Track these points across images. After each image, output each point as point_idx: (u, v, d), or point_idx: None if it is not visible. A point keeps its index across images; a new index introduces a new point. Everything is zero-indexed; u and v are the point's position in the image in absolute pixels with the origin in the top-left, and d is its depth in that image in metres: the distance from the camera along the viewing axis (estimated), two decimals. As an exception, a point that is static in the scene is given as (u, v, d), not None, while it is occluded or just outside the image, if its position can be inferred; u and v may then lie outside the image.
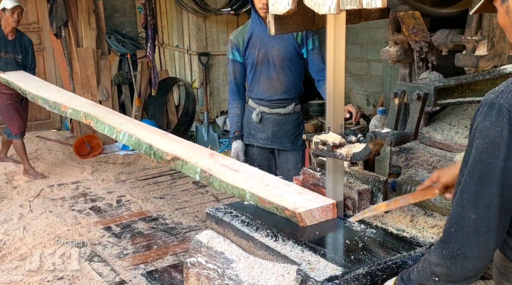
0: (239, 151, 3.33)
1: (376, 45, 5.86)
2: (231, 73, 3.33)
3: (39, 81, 4.98)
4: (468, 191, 1.28)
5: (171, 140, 2.78)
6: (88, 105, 3.69)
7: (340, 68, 1.97)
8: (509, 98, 1.21)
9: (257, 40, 3.17)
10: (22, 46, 5.20)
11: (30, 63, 5.29)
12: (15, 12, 4.99)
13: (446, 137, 2.43)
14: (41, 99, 3.99)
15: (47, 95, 4.00)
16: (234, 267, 1.93)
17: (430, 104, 1.71)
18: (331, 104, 2.02)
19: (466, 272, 1.30)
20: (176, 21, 6.80)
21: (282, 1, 1.89)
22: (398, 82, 1.98)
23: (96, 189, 5.01)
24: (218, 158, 2.47)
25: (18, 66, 5.16)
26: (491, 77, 1.83)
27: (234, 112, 3.38)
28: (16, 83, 4.67)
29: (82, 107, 3.54)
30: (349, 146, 1.95)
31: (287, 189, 2.11)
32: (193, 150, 2.58)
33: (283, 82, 3.21)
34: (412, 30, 2.21)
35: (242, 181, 2.17)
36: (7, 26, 5.07)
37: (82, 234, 3.98)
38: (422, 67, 2.35)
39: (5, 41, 5.10)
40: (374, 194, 2.08)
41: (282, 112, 3.27)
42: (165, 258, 3.61)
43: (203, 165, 2.33)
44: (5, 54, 5.09)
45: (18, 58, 5.17)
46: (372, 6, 1.60)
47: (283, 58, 3.16)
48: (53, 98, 3.86)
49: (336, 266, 1.67)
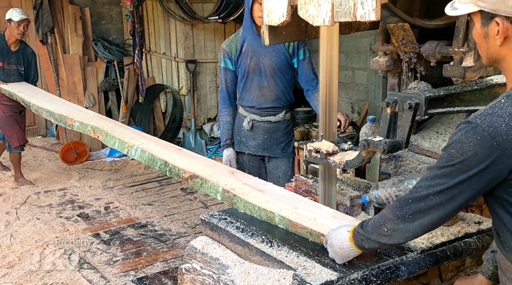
0: (231, 158, 3.36)
1: (361, 53, 5.96)
2: (222, 81, 3.36)
3: (42, 93, 4.92)
4: (433, 182, 1.42)
5: (186, 155, 2.68)
6: (95, 118, 3.59)
7: (333, 77, 2.03)
8: (486, 120, 1.34)
9: (249, 48, 3.22)
10: (25, 57, 5.12)
11: (32, 75, 5.22)
12: (21, 24, 4.91)
13: (434, 145, 2.50)
14: (46, 112, 3.90)
15: (52, 108, 3.90)
16: (230, 272, 1.96)
17: (421, 114, 1.78)
18: (324, 113, 2.08)
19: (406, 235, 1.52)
20: (164, 29, 6.82)
21: (277, 13, 1.94)
22: (388, 91, 2.05)
23: (84, 196, 4.99)
24: (239, 176, 2.37)
25: (20, 77, 5.09)
26: (479, 88, 1.90)
27: (226, 120, 3.40)
28: (19, 94, 4.60)
29: (90, 120, 3.44)
30: (342, 154, 2.00)
31: (319, 212, 2.00)
32: (212, 167, 2.47)
33: (274, 90, 3.26)
34: (401, 41, 2.28)
35: (269, 202, 2.06)
36: (11, 37, 4.99)
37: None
38: (411, 77, 2.42)
39: (8, 52, 5.01)
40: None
41: (273, 120, 3.32)
42: (155, 265, 3.62)
43: (225, 184, 2.22)
44: (7, 65, 5.00)
45: (21, 69, 5.09)
46: (366, 19, 1.66)
47: (274, 67, 3.21)
48: (59, 111, 3.76)
49: (331, 271, 1.72)
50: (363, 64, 6.01)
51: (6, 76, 4.98)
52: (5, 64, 4.97)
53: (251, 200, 2.07)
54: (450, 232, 2.01)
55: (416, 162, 2.46)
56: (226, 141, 3.40)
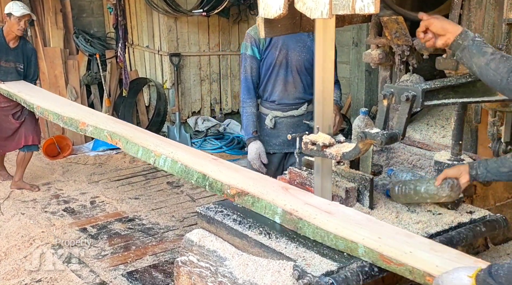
0: (261, 152, 3.18)
1: (343, 47, 6.00)
2: (247, 69, 3.18)
3: (44, 92, 4.59)
4: None
5: (226, 167, 2.38)
6: (110, 121, 3.24)
7: (329, 70, 2.04)
8: None
9: (279, 40, 3.08)
10: (25, 54, 4.77)
11: (32, 73, 4.88)
12: (22, 19, 4.54)
13: (425, 137, 2.55)
14: (53, 115, 3.55)
15: (60, 110, 3.55)
16: (228, 264, 1.96)
17: (417, 106, 1.80)
18: (320, 106, 2.09)
19: None
20: (147, 22, 6.76)
21: (273, 5, 1.94)
22: (386, 84, 2.07)
23: (69, 190, 4.94)
24: (297, 194, 2.08)
25: (19, 76, 4.75)
26: (473, 80, 1.93)
27: (250, 111, 3.21)
28: (19, 95, 4.24)
29: (105, 124, 3.11)
30: (338, 146, 2.01)
31: (413, 242, 1.72)
32: (260, 182, 2.19)
33: (298, 87, 3.16)
34: (394, 34, 2.30)
35: (345, 228, 1.78)
36: (10, 33, 4.62)
37: (58, 236, 3.92)
38: (403, 70, 2.45)
39: (7, 49, 4.65)
40: (361, 192, 2.16)
41: (296, 114, 3.20)
42: (144, 259, 3.61)
43: (283, 203, 1.94)
44: (5, 62, 4.65)
45: (20, 67, 4.74)
46: (365, 12, 1.67)
47: (302, 63, 3.10)
48: (68, 114, 3.42)
49: (331, 261, 1.73)
50: (346, 58, 6.05)
51: (4, 74, 4.65)
52: (2, 61, 4.64)
53: (322, 225, 1.79)
54: (443, 222, 2.05)
55: (408, 154, 2.50)
56: (253, 133, 3.21)
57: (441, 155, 2.34)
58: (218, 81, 6.85)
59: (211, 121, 6.71)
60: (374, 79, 5.80)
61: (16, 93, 4.29)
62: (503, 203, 2.48)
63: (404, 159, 2.53)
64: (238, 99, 6.96)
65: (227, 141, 6.38)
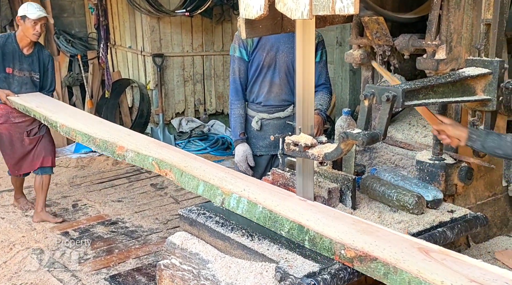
0: (248, 154, 3.18)
1: (327, 47, 5.99)
2: (235, 71, 3.18)
3: (67, 107, 3.98)
4: None
5: (320, 211, 1.94)
6: (153, 145, 2.70)
7: (309, 71, 2.04)
8: None
9: (267, 42, 3.08)
10: (40, 62, 4.11)
11: (49, 83, 4.22)
12: (38, 23, 3.92)
13: (407, 136, 2.56)
14: (82, 136, 3.00)
15: (89, 130, 3.01)
16: (210, 267, 1.95)
17: (398, 106, 1.81)
18: (300, 106, 2.08)
19: None
20: (129, 22, 6.70)
21: (254, 6, 1.93)
22: (367, 84, 2.07)
23: (50, 193, 4.83)
24: (448, 263, 1.51)
25: (34, 87, 4.12)
26: (452, 80, 1.95)
27: (238, 113, 3.21)
28: (38, 110, 3.59)
29: (147, 148, 2.60)
30: (320, 146, 2.01)
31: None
32: (383, 239, 1.66)
33: (284, 89, 3.16)
34: (375, 34, 2.31)
35: None
36: (24, 38, 3.99)
37: (39, 241, 3.85)
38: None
39: (20, 56, 4.02)
40: (344, 192, 2.17)
41: (282, 116, 3.20)
42: (127, 262, 3.56)
43: (437, 279, 1.40)
44: (19, 71, 4.03)
45: (35, 77, 4.10)
46: (345, 12, 1.67)
47: (289, 65, 3.09)
48: (100, 135, 2.90)
49: (313, 262, 1.73)
50: (329, 57, 6.03)
51: (18, 85, 4.03)
52: (16, 70, 4.01)
53: None
54: (425, 221, 2.06)
55: (390, 154, 2.51)
56: (240, 135, 3.20)
57: (423, 155, 2.36)
58: (202, 81, 6.82)
59: (195, 122, 6.68)
60: (358, 79, 5.82)
61: (35, 108, 3.64)
62: (484, 202, 2.50)
63: (387, 159, 2.54)
64: (222, 99, 6.94)
65: (211, 142, 6.36)
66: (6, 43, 3.98)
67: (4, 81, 4.00)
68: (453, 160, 2.31)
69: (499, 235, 2.58)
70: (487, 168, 2.42)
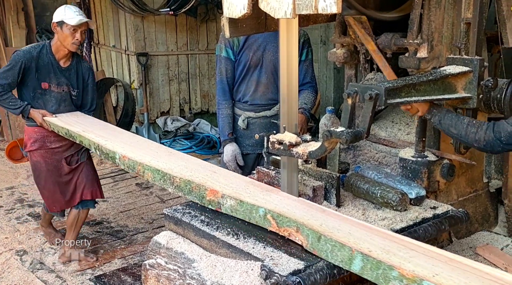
0: (237, 154, 3.18)
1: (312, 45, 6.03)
2: (222, 71, 3.17)
3: (118, 131, 3.20)
4: None
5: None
6: (252, 186, 2.14)
7: (293, 69, 2.05)
8: None
9: (254, 42, 3.08)
10: (79, 76, 3.47)
11: (89, 101, 3.56)
12: (78, 30, 3.27)
13: (390, 134, 2.58)
14: (154, 173, 2.31)
15: (163, 164, 2.34)
16: (196, 266, 1.95)
17: (381, 104, 1.83)
18: (285, 105, 2.09)
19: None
20: (113, 21, 6.65)
21: (237, 5, 1.93)
22: (350, 83, 2.09)
23: (34, 194, 4.80)
24: None
25: (73, 105, 3.49)
26: (433, 78, 1.97)
27: (226, 113, 3.21)
28: (86, 136, 2.90)
29: (251, 193, 2.03)
30: (304, 144, 2.02)
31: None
32: None
33: (270, 88, 3.16)
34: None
35: None
36: (61, 49, 3.33)
37: (22, 242, 3.82)
38: (367, 69, 2.48)
39: (56, 69, 3.37)
40: (328, 190, 2.18)
41: (269, 114, 3.21)
42: (113, 262, 3.55)
43: None
44: (56, 87, 3.38)
45: (73, 93, 3.46)
46: (327, 12, 1.68)
47: (276, 64, 3.07)
48: (178, 172, 2.24)
49: (298, 260, 1.74)
50: (314, 56, 6.06)
51: (55, 102, 3.39)
52: (53, 85, 3.37)
53: None
54: (408, 218, 2.09)
55: (374, 151, 2.53)
56: (228, 135, 3.20)
57: (406, 152, 2.39)
58: (187, 80, 6.80)
59: (181, 121, 6.66)
60: (343, 77, 5.81)
61: (81, 133, 2.96)
62: (465, 198, 2.54)
63: (370, 157, 2.56)
64: (208, 98, 6.93)
65: (196, 141, 6.35)
66: (41, 55, 3.32)
67: (39, 98, 3.36)
68: (435, 157, 2.34)
69: (481, 231, 2.63)
70: (468, 165, 2.46)
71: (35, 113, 3.31)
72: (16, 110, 3.31)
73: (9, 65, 3.28)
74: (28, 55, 3.28)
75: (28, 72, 3.29)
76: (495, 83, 2.09)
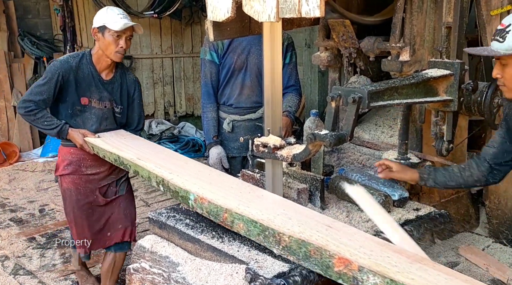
0: (222, 157, 3.19)
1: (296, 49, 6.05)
2: (207, 74, 3.18)
3: (176, 157, 2.55)
4: None
5: None
6: (371, 242, 1.63)
7: (277, 73, 2.06)
8: None
9: (238, 45, 3.08)
10: (124, 90, 2.97)
11: (136, 120, 3.06)
12: (122, 36, 2.79)
13: (373, 137, 2.61)
14: (255, 227, 1.76)
15: (264, 214, 1.79)
16: (181, 270, 1.95)
17: (364, 107, 1.84)
18: (269, 108, 2.11)
19: None
20: (96, 23, 6.60)
21: (221, 9, 1.94)
22: (334, 86, 2.10)
23: (16, 199, 4.75)
24: None
25: (114, 123, 2.97)
26: (416, 81, 2.00)
27: (211, 116, 3.21)
28: (143, 165, 2.33)
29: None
30: (289, 147, 2.03)
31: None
32: None
33: (255, 91, 3.17)
34: (342, 37, 2.35)
35: None
36: (104, 58, 2.85)
37: (3, 247, 3.76)
38: (351, 72, 2.50)
39: (98, 82, 2.88)
40: (313, 193, 2.19)
41: (253, 117, 3.22)
42: (96, 267, 3.52)
43: None
44: (98, 102, 2.88)
45: (117, 110, 2.96)
46: (310, 15, 1.70)
47: (260, 67, 3.07)
48: (284, 227, 1.69)
49: (283, 263, 1.75)
50: (298, 59, 6.08)
51: (97, 120, 2.89)
52: (93, 100, 2.88)
53: None
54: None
55: (358, 154, 2.56)
56: (213, 138, 3.21)
57: (389, 154, 2.41)
58: (171, 83, 6.78)
59: (165, 124, 6.63)
60: (327, 80, 5.87)
61: (137, 162, 2.38)
62: (447, 199, 2.58)
63: (354, 159, 2.59)
64: (192, 101, 6.92)
65: (182, 144, 6.33)
66: (80, 65, 2.85)
67: (77, 116, 2.88)
68: (418, 159, 2.37)
69: (462, 232, 2.66)
70: (450, 167, 2.49)
71: (74, 133, 2.80)
72: (53, 130, 2.79)
73: (44, 78, 2.77)
74: (66, 66, 2.78)
75: (66, 86, 2.80)
76: (475, 86, 2.12)
